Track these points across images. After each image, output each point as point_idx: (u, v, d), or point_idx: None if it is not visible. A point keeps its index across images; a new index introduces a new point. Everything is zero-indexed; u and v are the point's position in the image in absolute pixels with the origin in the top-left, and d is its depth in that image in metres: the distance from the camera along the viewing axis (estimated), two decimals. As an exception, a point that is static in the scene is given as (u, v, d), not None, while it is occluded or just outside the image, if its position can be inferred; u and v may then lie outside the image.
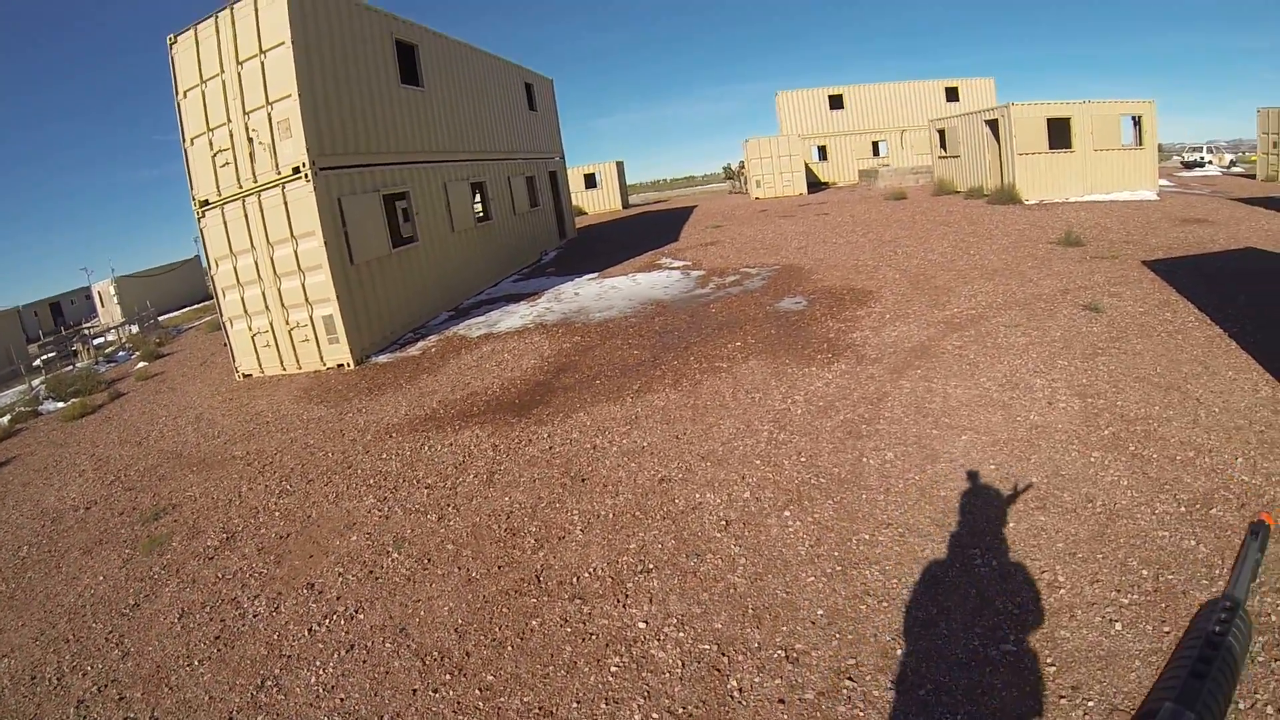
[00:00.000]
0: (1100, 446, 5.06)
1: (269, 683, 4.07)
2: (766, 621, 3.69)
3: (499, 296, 15.04)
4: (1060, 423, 5.49)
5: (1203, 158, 33.88)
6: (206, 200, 11.77)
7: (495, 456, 6.46)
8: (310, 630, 4.47)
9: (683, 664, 3.55)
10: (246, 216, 11.35)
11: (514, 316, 12.52)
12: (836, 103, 35.52)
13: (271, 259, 11.33)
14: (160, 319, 26.35)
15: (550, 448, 6.40)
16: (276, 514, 6.26)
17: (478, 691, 3.64)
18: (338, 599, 4.77)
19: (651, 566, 4.39)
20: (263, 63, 10.69)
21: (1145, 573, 3.69)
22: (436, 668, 3.89)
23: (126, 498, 7.50)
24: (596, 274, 15.91)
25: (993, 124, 20.16)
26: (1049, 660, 3.17)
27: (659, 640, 3.73)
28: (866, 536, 4.23)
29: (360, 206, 11.72)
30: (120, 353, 19.84)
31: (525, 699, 3.52)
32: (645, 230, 23.75)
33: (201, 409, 10.60)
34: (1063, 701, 2.95)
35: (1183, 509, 4.19)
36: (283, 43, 10.44)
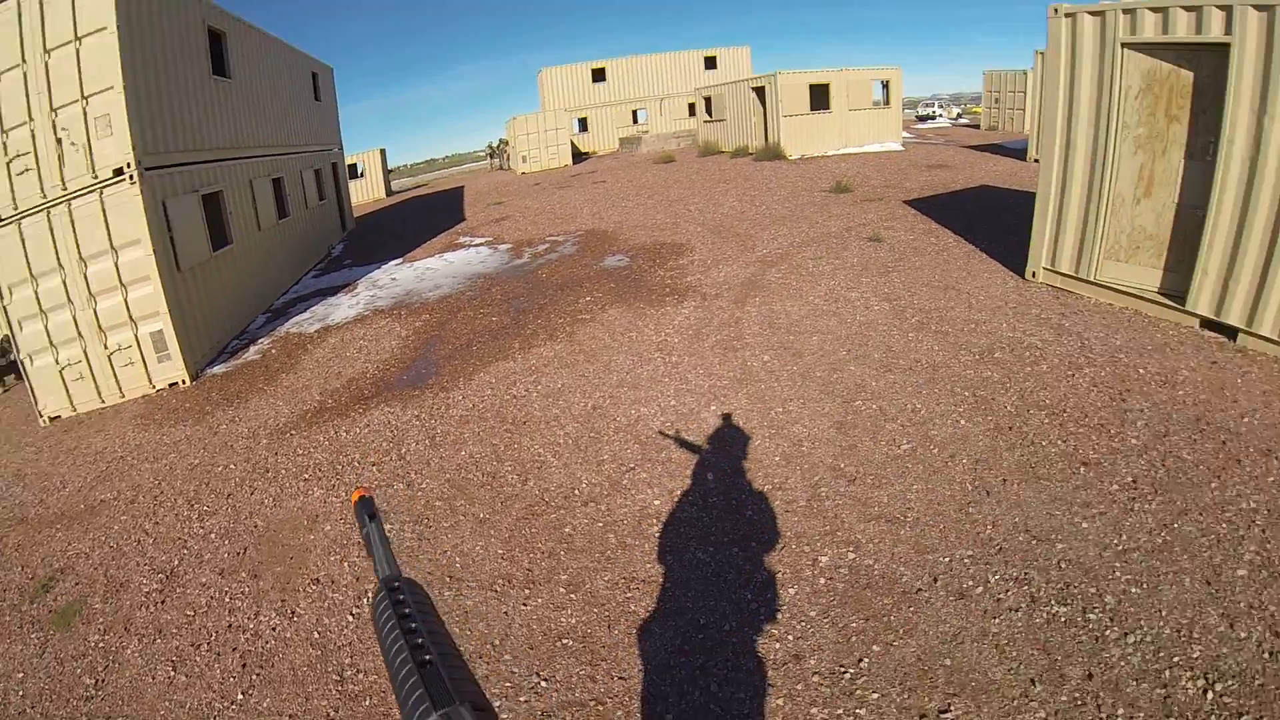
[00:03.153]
0: (912, 329, 7.02)
1: (350, 671, 4.12)
2: (748, 474, 4.91)
3: (309, 293, 14.75)
4: (879, 319, 7.40)
5: (935, 112, 41.12)
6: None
7: (424, 424, 6.81)
8: (353, 614, 4.65)
9: (704, 509, 4.65)
10: (53, 230, 10.34)
11: (341, 308, 12.56)
12: (599, 76, 37.69)
13: (85, 276, 10.41)
14: None
15: (473, 406, 6.92)
16: (213, 536, 6.00)
17: (565, 590, 4.24)
18: (356, 581, 4.94)
19: (632, 466, 5.34)
20: (78, 50, 9.79)
21: (967, 394, 5.58)
22: (510, 590, 4.39)
23: (-21, 579, 6.44)
24: (400, 259, 15.99)
25: (759, 90, 23.36)
26: (934, 448, 4.79)
27: (681, 510, 4.72)
28: (780, 409, 5.67)
29: (183, 209, 11.21)
30: None
31: (609, 576, 4.28)
32: (425, 214, 23.75)
33: (16, 466, 9.33)
34: (942, 464, 4.58)
35: (976, 357, 6.21)
36: (104, 27, 9.63)
